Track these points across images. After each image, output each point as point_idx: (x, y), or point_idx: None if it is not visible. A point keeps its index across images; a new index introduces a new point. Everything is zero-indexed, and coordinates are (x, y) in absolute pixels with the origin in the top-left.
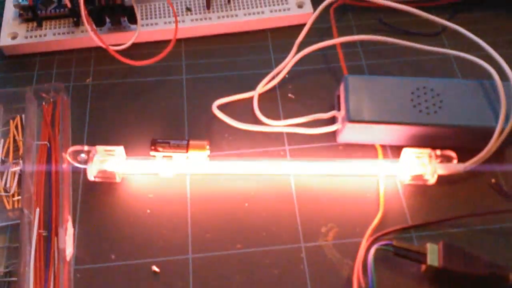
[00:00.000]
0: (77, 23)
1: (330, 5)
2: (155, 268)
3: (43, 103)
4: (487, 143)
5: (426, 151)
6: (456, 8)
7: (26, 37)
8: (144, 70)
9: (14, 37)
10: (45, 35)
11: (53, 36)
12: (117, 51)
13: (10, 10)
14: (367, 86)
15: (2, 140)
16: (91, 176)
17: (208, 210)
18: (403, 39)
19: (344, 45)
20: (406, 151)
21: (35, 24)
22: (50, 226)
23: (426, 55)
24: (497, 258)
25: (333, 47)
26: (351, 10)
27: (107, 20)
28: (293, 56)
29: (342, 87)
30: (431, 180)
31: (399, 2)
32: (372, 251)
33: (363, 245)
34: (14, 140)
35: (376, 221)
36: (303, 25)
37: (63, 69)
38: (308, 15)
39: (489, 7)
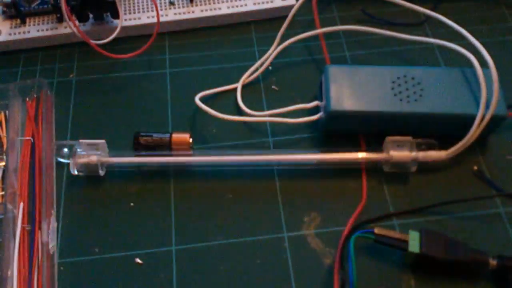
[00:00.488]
0: (61, 19)
1: None
2: (138, 260)
3: (27, 99)
4: (469, 130)
5: (408, 139)
6: None
7: (10, 34)
8: (128, 65)
9: None
10: (28, 32)
11: (37, 33)
12: (100, 45)
13: None
14: (348, 75)
15: None
16: (74, 170)
17: (192, 202)
18: (386, 29)
19: (327, 36)
20: (387, 140)
21: (18, 21)
22: (34, 221)
23: (409, 45)
24: (478, 244)
25: (317, 39)
26: (334, 2)
27: (90, 15)
28: (276, 48)
29: (323, 77)
30: (413, 168)
31: None
32: (353, 239)
33: (345, 233)
34: None
35: (358, 209)
36: (286, 16)
37: (47, 65)
38: (291, 6)
39: None
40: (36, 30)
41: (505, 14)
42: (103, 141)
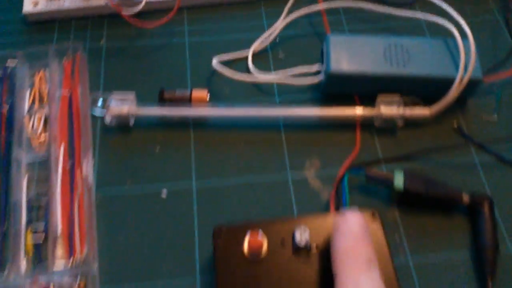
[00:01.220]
0: None
1: None
2: (164, 193)
3: (64, 60)
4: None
5: (397, 97)
6: None
7: (47, 5)
8: (152, 34)
9: (35, 5)
10: (63, 3)
11: (70, 4)
12: (129, 16)
13: None
14: (346, 43)
15: (29, 90)
16: (108, 119)
17: (209, 148)
18: (381, 7)
19: (328, 13)
20: (379, 98)
21: None
22: (73, 159)
23: (401, 21)
24: (452, 184)
25: (319, 14)
26: None
27: None
28: (283, 21)
29: (325, 44)
30: (400, 123)
31: None
32: (347, 174)
33: (340, 173)
34: (39, 91)
35: (352, 156)
36: None
37: (79, 32)
38: None
39: None
40: (70, 1)
41: None
42: (132, 94)
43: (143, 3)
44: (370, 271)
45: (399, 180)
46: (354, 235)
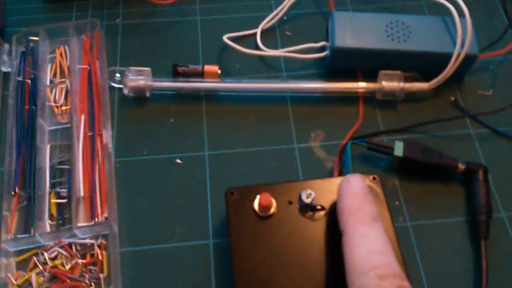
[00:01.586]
0: None
1: None
2: (178, 160)
3: (83, 36)
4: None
5: (397, 73)
6: None
7: None
8: (165, 12)
9: None
10: None
11: None
12: None
13: None
14: (350, 20)
15: (50, 65)
16: (126, 91)
17: (220, 120)
18: None
19: None
20: (381, 73)
21: None
22: (94, 128)
23: (401, 1)
24: (449, 154)
25: None
26: None
27: None
28: (289, 0)
29: (330, 21)
30: (401, 96)
31: None
32: (349, 143)
33: (344, 143)
34: (60, 65)
35: (355, 127)
36: None
37: (96, 11)
38: None
39: None
40: None
41: None
42: (148, 68)
43: None
44: (375, 225)
45: (399, 149)
46: (357, 195)
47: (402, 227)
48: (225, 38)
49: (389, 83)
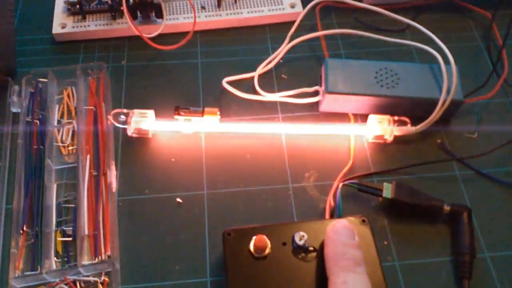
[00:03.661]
0: (114, 17)
1: (316, 5)
2: (178, 199)
3: (89, 78)
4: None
5: (386, 117)
6: (419, 10)
7: (73, 27)
8: (168, 55)
9: (63, 27)
10: (88, 26)
11: (95, 27)
12: (148, 38)
13: (60, 5)
14: (342, 66)
15: (58, 106)
16: (129, 132)
17: (219, 159)
18: (375, 34)
19: (327, 37)
20: (371, 117)
21: (80, 16)
22: (98, 168)
23: (392, 46)
24: (435, 196)
25: (318, 39)
26: (333, 10)
27: (139, 14)
28: (286, 45)
29: (323, 67)
30: (389, 139)
31: (372, 5)
32: (341, 185)
33: (335, 184)
34: (67, 106)
35: (346, 168)
36: (295, 21)
37: (102, 53)
38: (299, 13)
39: (446, 10)
40: (94, 24)
41: (470, 25)
42: (151, 110)
43: (162, 27)
44: (357, 270)
45: (388, 191)
46: (342, 242)
47: (390, 266)
48: (224, 82)
49: (379, 126)
